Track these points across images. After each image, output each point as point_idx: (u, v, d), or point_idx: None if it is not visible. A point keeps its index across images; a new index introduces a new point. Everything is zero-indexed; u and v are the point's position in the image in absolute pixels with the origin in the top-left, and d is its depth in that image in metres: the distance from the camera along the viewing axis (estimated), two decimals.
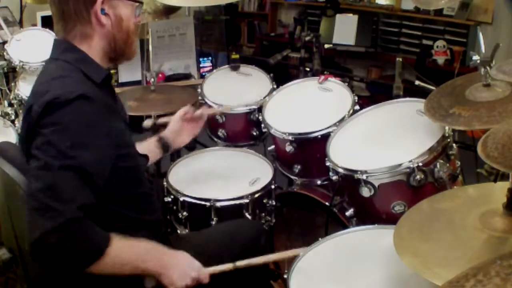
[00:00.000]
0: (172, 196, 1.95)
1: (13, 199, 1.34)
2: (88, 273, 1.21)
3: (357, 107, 1.98)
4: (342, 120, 1.93)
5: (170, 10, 3.11)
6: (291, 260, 1.46)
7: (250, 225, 1.80)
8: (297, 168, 1.99)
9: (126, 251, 1.27)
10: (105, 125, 1.28)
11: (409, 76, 2.00)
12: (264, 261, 1.51)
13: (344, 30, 5.08)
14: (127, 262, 1.27)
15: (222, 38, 5.75)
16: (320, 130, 1.91)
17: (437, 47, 4.70)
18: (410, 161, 1.55)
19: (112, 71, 2.20)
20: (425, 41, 4.87)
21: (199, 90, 2.44)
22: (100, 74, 1.36)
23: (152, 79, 2.55)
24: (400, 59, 2.08)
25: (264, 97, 2.27)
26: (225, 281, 1.55)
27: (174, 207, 1.98)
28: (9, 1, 3.62)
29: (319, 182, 2.01)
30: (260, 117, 2.15)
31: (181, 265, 1.36)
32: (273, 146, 2.12)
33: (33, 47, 2.77)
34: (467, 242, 1.10)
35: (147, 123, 2.10)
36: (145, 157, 1.63)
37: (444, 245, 1.12)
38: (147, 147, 1.75)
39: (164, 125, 1.90)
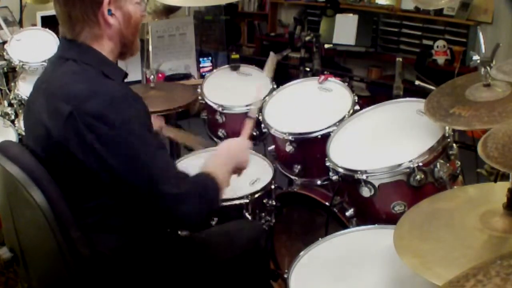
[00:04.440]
0: None
1: (15, 197, 1.33)
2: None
3: (357, 107, 1.98)
4: (342, 120, 1.92)
5: (170, 10, 3.11)
6: (291, 260, 1.46)
7: (250, 225, 1.80)
8: (297, 168, 1.99)
9: (221, 174, 1.45)
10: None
11: (409, 76, 2.00)
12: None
13: (344, 30, 5.08)
14: (226, 179, 1.49)
15: (222, 38, 5.74)
16: (320, 130, 1.91)
17: (437, 47, 4.70)
18: (410, 161, 1.55)
19: None
20: (425, 41, 4.88)
21: (199, 90, 2.44)
22: (119, 74, 1.38)
23: (152, 76, 2.55)
24: (400, 59, 2.08)
25: (264, 97, 2.27)
26: (225, 281, 1.55)
27: None
28: (9, 1, 3.62)
29: (319, 182, 2.01)
30: (260, 117, 2.15)
31: (235, 148, 1.60)
32: (273, 146, 2.12)
33: (33, 47, 2.77)
34: (467, 242, 1.10)
35: None
36: None
37: (444, 245, 1.12)
38: None
39: None
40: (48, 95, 1.30)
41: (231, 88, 2.46)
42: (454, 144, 1.64)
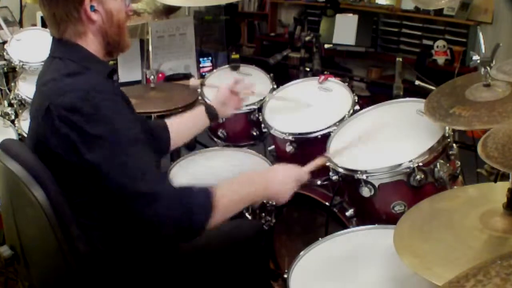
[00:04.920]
0: None
1: (16, 195, 1.34)
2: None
3: (357, 107, 1.98)
4: (342, 120, 1.93)
5: (170, 10, 3.11)
6: (291, 260, 1.46)
7: (250, 225, 1.80)
8: None
9: (231, 193, 1.34)
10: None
11: (409, 76, 2.00)
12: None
13: (344, 30, 5.09)
14: (238, 200, 1.36)
15: (222, 38, 5.75)
16: (320, 130, 1.91)
17: (437, 47, 4.70)
18: (410, 161, 1.55)
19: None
20: (425, 41, 4.88)
21: (199, 90, 2.45)
22: (104, 69, 1.38)
23: (152, 77, 2.55)
24: (400, 59, 2.08)
25: (264, 97, 2.27)
26: (225, 281, 1.55)
27: None
28: (9, 1, 3.62)
29: (319, 182, 2.01)
30: (260, 117, 2.15)
31: (279, 176, 1.45)
32: (273, 146, 2.12)
33: (33, 47, 2.77)
34: (467, 242, 1.10)
35: (194, 82, 2.12)
36: None
37: (444, 245, 1.12)
38: (197, 114, 1.86)
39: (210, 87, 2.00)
40: (37, 94, 1.35)
41: None
42: (454, 144, 1.64)
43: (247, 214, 1.88)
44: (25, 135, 2.48)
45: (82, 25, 1.33)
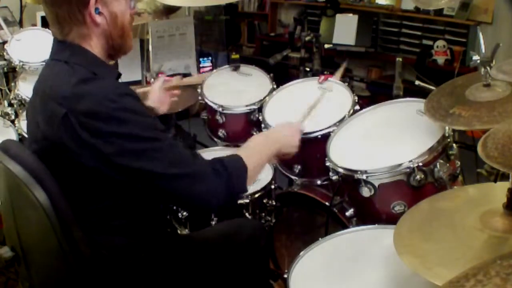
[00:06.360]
0: None
1: (17, 196, 1.33)
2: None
3: (357, 107, 1.98)
4: (342, 120, 1.92)
5: (170, 10, 3.12)
6: (291, 260, 1.46)
7: (250, 225, 1.80)
8: (297, 168, 1.99)
9: (254, 155, 1.44)
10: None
11: (409, 76, 2.00)
12: None
13: (344, 30, 5.09)
14: (261, 161, 1.47)
15: (222, 38, 5.75)
16: (320, 130, 1.91)
17: (437, 47, 4.70)
18: (410, 161, 1.55)
19: None
20: (425, 41, 4.88)
21: (199, 90, 2.45)
22: (112, 73, 1.37)
23: (152, 79, 2.55)
24: (400, 59, 2.08)
25: (264, 97, 2.27)
26: (225, 281, 1.55)
27: (174, 207, 1.98)
28: (9, 1, 3.62)
29: (319, 182, 2.01)
30: (260, 117, 2.15)
31: (285, 130, 1.64)
32: None
33: (33, 47, 2.77)
34: (467, 242, 1.10)
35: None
36: None
37: (444, 245, 1.12)
38: None
39: (144, 93, 2.01)
40: (42, 97, 1.31)
41: (231, 88, 2.47)
42: (454, 144, 1.64)
43: (247, 214, 1.89)
44: (25, 135, 2.48)
45: (86, 28, 1.30)
